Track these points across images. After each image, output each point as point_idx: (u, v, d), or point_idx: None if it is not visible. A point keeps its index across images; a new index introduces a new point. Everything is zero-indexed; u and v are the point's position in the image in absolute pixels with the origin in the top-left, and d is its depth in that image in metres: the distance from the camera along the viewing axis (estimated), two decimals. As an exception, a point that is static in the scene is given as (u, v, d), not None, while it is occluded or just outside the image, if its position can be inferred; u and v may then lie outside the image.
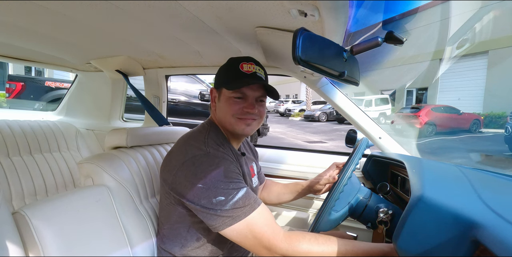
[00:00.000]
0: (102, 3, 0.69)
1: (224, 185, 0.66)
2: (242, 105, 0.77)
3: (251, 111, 0.77)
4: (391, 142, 1.19)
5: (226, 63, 0.82)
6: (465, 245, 0.45)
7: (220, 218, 0.64)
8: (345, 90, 1.25)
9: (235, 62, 0.78)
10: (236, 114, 0.78)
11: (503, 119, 9.47)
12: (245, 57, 0.80)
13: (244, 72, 0.76)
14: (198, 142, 0.75)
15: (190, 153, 0.71)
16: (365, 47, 0.62)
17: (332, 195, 0.72)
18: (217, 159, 0.70)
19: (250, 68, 0.77)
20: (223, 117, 0.80)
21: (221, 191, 0.65)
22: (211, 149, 0.73)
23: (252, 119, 0.80)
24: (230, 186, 0.67)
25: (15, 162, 1.24)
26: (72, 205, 0.70)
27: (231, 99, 0.77)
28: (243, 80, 0.76)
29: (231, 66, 0.79)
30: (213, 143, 0.76)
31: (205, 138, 0.76)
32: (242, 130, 0.79)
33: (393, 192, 0.90)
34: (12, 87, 4.97)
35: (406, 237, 0.54)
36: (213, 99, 0.84)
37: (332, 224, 0.78)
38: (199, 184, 0.66)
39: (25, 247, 0.59)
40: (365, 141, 0.91)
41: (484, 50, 10.94)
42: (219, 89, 0.80)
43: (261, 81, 0.77)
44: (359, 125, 1.21)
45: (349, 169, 0.75)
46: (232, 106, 0.77)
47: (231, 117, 0.78)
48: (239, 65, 0.77)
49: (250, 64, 0.78)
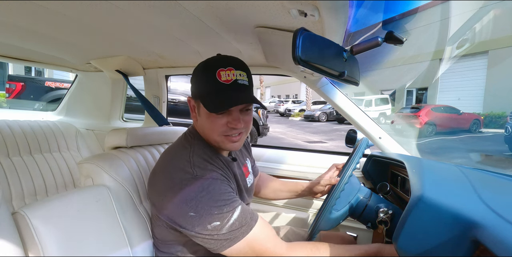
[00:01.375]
0: (102, 3, 0.69)
1: (218, 210, 0.62)
2: (226, 120, 0.69)
3: (237, 126, 0.69)
4: (391, 142, 1.19)
5: (201, 69, 0.70)
6: (465, 245, 0.45)
7: (218, 241, 0.62)
8: (345, 90, 1.25)
9: (211, 69, 0.67)
10: (221, 132, 0.70)
11: (503, 119, 9.47)
12: (222, 60, 0.69)
13: (223, 83, 0.66)
14: (184, 163, 0.68)
15: (176, 178, 0.65)
16: (365, 47, 0.62)
17: (333, 194, 0.72)
18: (207, 182, 0.65)
19: (229, 76, 0.67)
20: (207, 134, 0.73)
21: (215, 217, 0.61)
22: (198, 170, 0.67)
23: (239, 133, 0.73)
24: (224, 210, 0.62)
25: (15, 162, 1.24)
26: (72, 205, 0.70)
27: (213, 116, 0.69)
28: (223, 96, 0.66)
29: (207, 74, 0.68)
30: (199, 160, 0.69)
31: (190, 157, 0.69)
32: (230, 147, 0.73)
33: (393, 192, 0.90)
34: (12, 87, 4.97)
35: (406, 237, 0.54)
36: (192, 109, 0.75)
37: (332, 223, 0.78)
38: (191, 212, 0.61)
39: (25, 247, 0.59)
40: (365, 141, 0.91)
41: (484, 50, 10.94)
42: (197, 101, 0.72)
43: (244, 94, 0.68)
44: (359, 125, 1.21)
45: (350, 168, 0.75)
46: (215, 123, 0.69)
47: (217, 136, 0.71)
48: (216, 74, 0.66)
49: (228, 70, 0.67)
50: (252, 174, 0.96)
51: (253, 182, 0.94)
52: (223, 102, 0.65)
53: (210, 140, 0.74)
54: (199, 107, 0.72)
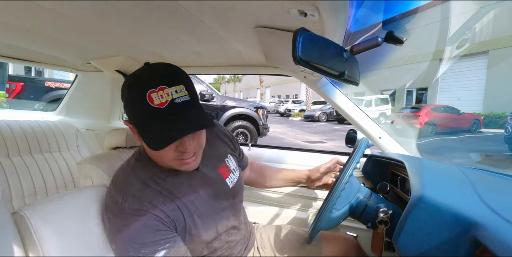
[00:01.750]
0: (102, 3, 0.69)
1: (134, 251, 0.59)
2: (174, 146, 0.62)
3: (188, 149, 0.62)
4: (391, 142, 1.19)
5: (128, 90, 0.60)
6: (465, 245, 0.45)
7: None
8: (345, 90, 1.24)
9: (139, 92, 0.57)
10: (172, 158, 0.64)
11: (503, 119, 9.47)
12: (150, 77, 0.59)
13: (157, 108, 0.56)
14: (117, 191, 0.65)
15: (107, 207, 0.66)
16: (365, 47, 0.62)
17: (333, 193, 0.72)
18: (130, 219, 0.60)
19: (162, 97, 0.56)
20: (157, 160, 0.67)
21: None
22: (129, 200, 0.62)
23: (192, 155, 0.66)
24: (142, 252, 0.58)
25: (15, 162, 1.24)
26: (72, 205, 0.70)
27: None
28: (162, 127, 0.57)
29: (136, 99, 0.57)
30: (134, 186, 0.64)
31: (124, 183, 0.65)
32: (186, 169, 0.67)
33: (393, 192, 0.90)
34: (12, 87, 4.98)
35: (406, 237, 0.54)
36: (134, 132, 0.65)
37: (333, 222, 0.78)
38: (113, 245, 0.62)
39: (25, 247, 0.59)
40: (365, 140, 0.91)
41: (484, 50, 10.94)
42: (133, 124, 0.63)
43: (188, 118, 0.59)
44: (359, 125, 1.21)
45: (350, 167, 0.75)
46: (165, 152, 0.62)
47: (169, 162, 0.65)
48: (147, 97, 0.56)
49: (160, 90, 0.56)
50: (237, 171, 0.89)
51: (238, 180, 0.87)
52: (163, 138, 0.56)
53: (163, 165, 0.68)
54: (137, 135, 0.63)
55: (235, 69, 1.40)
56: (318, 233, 0.78)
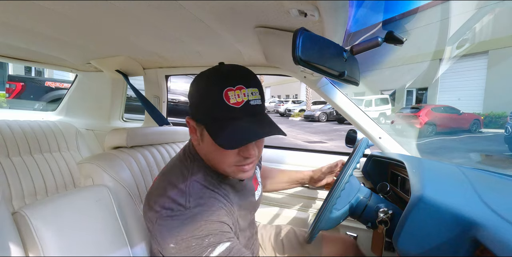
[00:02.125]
0: (102, 3, 0.69)
1: (197, 242, 0.54)
2: (237, 150, 0.60)
3: (252, 155, 0.60)
4: (391, 142, 1.19)
5: (202, 85, 0.59)
6: (465, 245, 0.45)
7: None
8: (345, 90, 1.24)
9: (215, 89, 0.56)
10: (233, 163, 0.61)
11: (503, 119, 9.47)
12: (228, 75, 0.58)
13: (232, 107, 0.55)
14: (178, 194, 0.60)
15: (167, 207, 0.58)
16: (365, 47, 0.62)
17: (333, 193, 0.72)
18: (200, 213, 0.58)
19: (239, 97, 0.55)
20: (215, 164, 0.64)
21: (192, 249, 0.53)
22: (192, 201, 0.59)
23: (251, 163, 0.63)
24: (205, 242, 0.54)
25: (15, 162, 1.24)
26: (72, 205, 0.70)
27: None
28: (235, 127, 0.55)
29: (211, 95, 0.56)
30: (197, 188, 0.61)
31: (187, 186, 0.61)
32: (241, 177, 0.64)
33: (393, 192, 0.90)
34: (12, 87, 4.97)
35: (406, 237, 0.54)
36: (193, 131, 0.64)
37: (333, 222, 0.78)
38: (172, 244, 0.55)
39: (25, 247, 0.59)
40: (365, 140, 0.91)
41: (484, 50, 10.94)
42: (200, 125, 0.61)
43: (262, 121, 0.58)
44: (359, 125, 1.21)
45: (350, 167, 0.75)
46: (226, 155, 0.60)
47: (227, 167, 0.62)
48: (223, 95, 0.55)
49: (238, 89, 0.55)
50: (260, 184, 0.87)
51: (261, 192, 0.87)
52: (237, 138, 0.54)
53: (218, 169, 0.65)
54: (202, 132, 0.61)
55: (235, 69, 1.40)
56: (318, 233, 0.78)
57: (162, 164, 1.05)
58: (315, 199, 1.37)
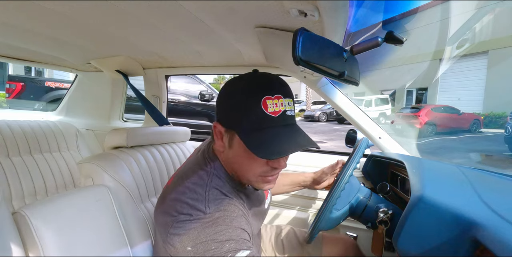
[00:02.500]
0: (102, 3, 0.69)
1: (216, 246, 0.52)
2: (266, 160, 0.59)
3: (281, 166, 0.60)
4: (391, 142, 1.19)
5: (239, 92, 0.57)
6: (465, 245, 0.45)
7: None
8: (345, 90, 1.24)
9: (254, 96, 0.54)
10: (260, 173, 0.60)
11: (503, 119, 9.47)
12: (267, 83, 0.57)
13: (270, 116, 0.54)
14: (197, 198, 0.58)
15: (185, 211, 0.56)
16: (365, 47, 0.62)
17: (333, 193, 0.72)
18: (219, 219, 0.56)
19: (277, 107, 0.55)
20: (239, 172, 0.62)
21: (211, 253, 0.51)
22: (212, 206, 0.57)
23: (276, 174, 0.63)
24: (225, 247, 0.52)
25: (15, 162, 1.24)
26: (72, 205, 0.70)
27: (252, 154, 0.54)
28: (273, 137, 0.54)
29: (249, 102, 0.55)
30: (216, 195, 0.60)
31: (206, 192, 0.59)
32: (263, 187, 0.63)
33: (393, 192, 0.90)
34: (12, 87, 4.97)
35: (406, 237, 0.54)
36: (219, 137, 0.62)
37: (333, 222, 0.78)
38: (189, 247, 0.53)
39: (25, 247, 0.59)
40: (365, 141, 0.91)
41: (484, 50, 10.94)
42: (230, 131, 0.59)
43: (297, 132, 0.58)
44: (359, 125, 1.21)
45: (350, 167, 0.75)
46: (255, 163, 0.59)
47: (252, 176, 0.61)
48: (261, 102, 0.54)
49: (276, 98, 0.55)
50: (270, 192, 0.87)
51: (270, 201, 0.86)
52: (275, 148, 0.53)
53: (241, 178, 0.63)
54: (232, 139, 0.59)
55: (235, 69, 1.40)
56: (318, 233, 0.78)
57: (162, 164, 1.05)
58: (315, 199, 1.37)
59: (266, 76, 0.60)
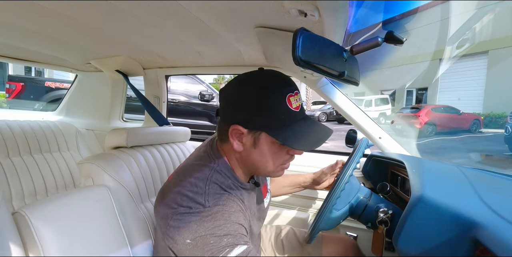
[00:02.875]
0: (102, 3, 0.69)
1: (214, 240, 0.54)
2: (286, 150, 0.63)
3: (300, 154, 0.65)
4: (391, 142, 1.19)
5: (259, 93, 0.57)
6: (465, 245, 0.45)
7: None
8: (345, 90, 1.24)
9: (279, 94, 0.57)
10: (281, 163, 0.64)
11: (503, 119, 9.47)
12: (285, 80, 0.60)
13: (295, 111, 0.58)
14: (197, 191, 0.60)
15: (185, 204, 0.58)
16: (365, 47, 0.62)
17: (333, 193, 0.72)
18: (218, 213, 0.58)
19: (297, 102, 0.59)
20: (261, 165, 0.64)
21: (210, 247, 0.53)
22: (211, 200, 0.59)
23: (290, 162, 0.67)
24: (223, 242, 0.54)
25: (15, 162, 1.24)
26: (72, 205, 0.70)
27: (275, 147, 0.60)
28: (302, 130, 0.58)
29: (274, 99, 0.57)
30: (216, 188, 0.62)
31: (206, 185, 0.61)
32: (279, 175, 0.68)
33: (393, 192, 0.90)
34: (12, 88, 4.97)
35: (406, 237, 0.54)
36: (237, 138, 0.62)
37: (333, 222, 0.78)
38: (188, 239, 0.55)
39: (25, 247, 0.59)
40: (365, 140, 0.91)
41: (484, 50, 10.93)
42: (255, 131, 0.60)
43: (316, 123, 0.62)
44: (359, 125, 1.21)
45: (350, 167, 0.75)
46: (278, 155, 0.62)
47: (273, 167, 0.64)
48: (286, 100, 0.57)
49: (295, 94, 0.59)
50: (269, 191, 0.89)
51: (269, 201, 0.87)
52: (311, 140, 0.58)
53: (259, 171, 0.66)
54: (257, 139, 0.60)
55: (235, 69, 1.40)
56: (318, 233, 0.78)
57: (162, 164, 1.05)
58: (315, 199, 1.37)
59: (278, 74, 0.61)
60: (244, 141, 0.62)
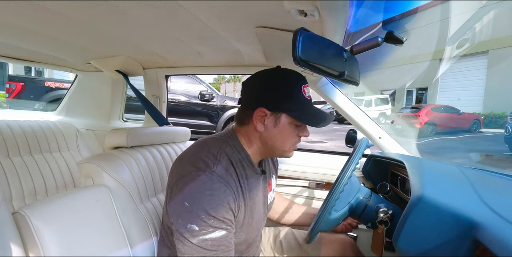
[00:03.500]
0: (102, 3, 0.69)
1: (205, 217, 0.61)
2: (298, 131, 0.74)
3: (307, 135, 0.76)
4: (391, 142, 1.19)
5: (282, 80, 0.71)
6: (465, 245, 0.45)
7: (184, 250, 0.61)
8: (345, 90, 1.24)
9: (296, 85, 0.70)
10: (293, 143, 0.75)
11: (503, 119, 9.47)
12: (297, 74, 0.73)
13: (307, 98, 0.72)
14: (209, 156, 0.68)
15: (195, 166, 0.66)
16: (365, 47, 0.62)
17: (332, 195, 0.72)
18: (216, 185, 0.64)
19: (308, 92, 0.73)
20: (278, 144, 0.73)
21: (198, 221, 0.60)
22: (219, 167, 0.66)
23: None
24: (209, 221, 0.61)
25: (15, 162, 1.24)
26: (72, 205, 0.70)
27: (292, 125, 0.72)
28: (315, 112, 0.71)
29: (294, 89, 0.70)
30: (225, 159, 0.69)
31: (219, 153, 0.69)
32: (289, 156, 0.78)
33: (393, 192, 0.90)
34: (12, 87, 4.97)
35: (406, 237, 0.54)
36: (260, 120, 0.71)
37: (332, 223, 0.78)
38: (186, 202, 0.62)
39: (25, 247, 0.59)
40: (365, 141, 0.91)
41: (484, 50, 10.93)
42: (277, 112, 0.70)
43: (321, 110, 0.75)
44: (359, 125, 1.21)
45: (349, 169, 0.75)
46: (292, 135, 0.73)
47: (288, 146, 0.74)
48: (302, 90, 0.70)
49: (306, 86, 0.72)
50: (274, 191, 0.94)
51: (273, 199, 0.93)
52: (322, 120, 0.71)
53: (277, 150, 0.74)
54: (277, 119, 0.71)
55: (235, 69, 1.40)
56: (317, 234, 0.78)
57: (162, 164, 1.05)
58: (315, 199, 1.36)
59: (295, 71, 0.74)
60: (266, 122, 0.71)
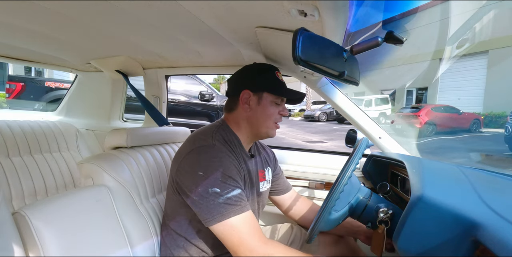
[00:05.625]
0: (102, 3, 0.69)
1: (222, 178, 0.70)
2: (277, 110, 0.85)
3: (286, 113, 0.87)
4: (391, 142, 1.19)
5: (260, 70, 0.85)
6: (465, 245, 0.45)
7: (212, 211, 0.67)
8: (345, 90, 1.25)
9: (271, 71, 0.84)
10: (274, 120, 0.85)
11: (503, 118, 9.47)
12: (270, 64, 0.88)
13: (281, 81, 0.85)
14: (206, 135, 0.80)
15: (196, 143, 0.77)
16: (365, 47, 0.62)
17: (332, 195, 0.72)
18: (221, 154, 0.74)
19: (280, 77, 0.86)
20: (262, 121, 0.84)
21: (218, 183, 0.69)
22: (217, 142, 0.77)
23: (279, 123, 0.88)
24: (227, 181, 0.70)
25: (15, 162, 1.24)
26: (72, 205, 0.70)
27: (273, 104, 0.84)
28: (287, 88, 0.85)
29: (268, 72, 0.84)
30: (220, 138, 0.80)
31: (213, 132, 0.81)
32: (273, 134, 0.86)
33: (393, 192, 0.90)
34: (12, 88, 4.97)
35: (406, 237, 0.54)
36: (245, 101, 0.83)
37: (332, 223, 0.78)
38: (200, 172, 0.70)
39: (25, 247, 0.59)
40: (365, 141, 0.90)
41: (484, 50, 10.93)
42: (258, 92, 0.83)
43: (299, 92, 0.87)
44: (359, 125, 1.21)
45: (349, 169, 0.75)
46: (273, 112, 0.84)
47: (271, 122, 0.84)
48: (275, 74, 0.84)
49: (279, 72, 0.86)
50: (269, 184, 0.98)
51: (266, 190, 0.97)
52: (297, 96, 0.85)
53: (261, 127, 0.84)
54: (259, 98, 0.83)
55: (235, 69, 1.39)
56: (318, 234, 0.78)
57: (162, 164, 1.05)
58: (314, 199, 1.36)
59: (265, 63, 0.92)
60: (251, 103, 0.83)
